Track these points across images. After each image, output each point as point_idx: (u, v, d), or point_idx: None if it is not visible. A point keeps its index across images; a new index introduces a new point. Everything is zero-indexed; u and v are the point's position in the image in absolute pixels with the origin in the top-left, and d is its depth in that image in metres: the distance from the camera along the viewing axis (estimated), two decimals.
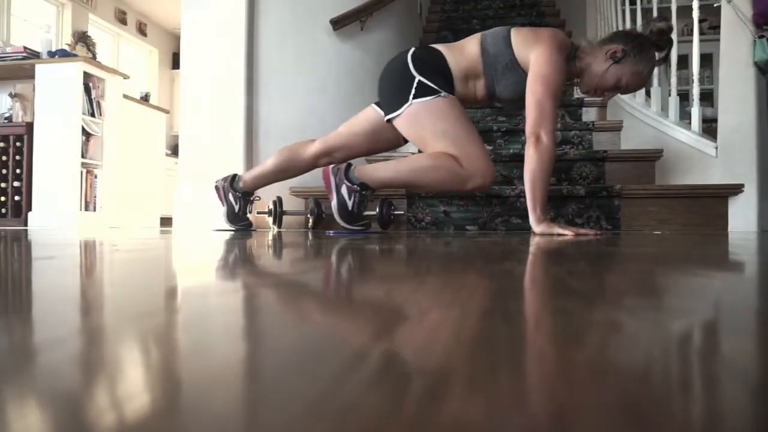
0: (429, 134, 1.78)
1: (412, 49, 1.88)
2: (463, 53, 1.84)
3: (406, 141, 1.97)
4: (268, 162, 2.15)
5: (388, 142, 2.01)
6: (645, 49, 1.75)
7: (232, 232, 1.96)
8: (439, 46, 1.88)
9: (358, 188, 1.83)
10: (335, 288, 0.47)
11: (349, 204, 1.84)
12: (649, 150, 2.56)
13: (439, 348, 0.24)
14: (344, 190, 1.84)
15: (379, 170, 1.83)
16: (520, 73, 1.77)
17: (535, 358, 0.23)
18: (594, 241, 1.31)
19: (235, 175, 2.21)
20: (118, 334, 0.27)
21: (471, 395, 0.18)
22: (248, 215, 2.24)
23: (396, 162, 1.84)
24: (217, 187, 2.22)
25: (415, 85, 1.79)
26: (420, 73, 1.79)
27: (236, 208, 2.18)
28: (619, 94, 3.02)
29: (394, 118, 1.84)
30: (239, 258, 0.80)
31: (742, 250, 0.99)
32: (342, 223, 1.88)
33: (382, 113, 1.91)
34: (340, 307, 0.37)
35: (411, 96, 1.78)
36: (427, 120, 1.78)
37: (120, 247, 1.07)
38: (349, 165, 1.87)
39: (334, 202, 1.86)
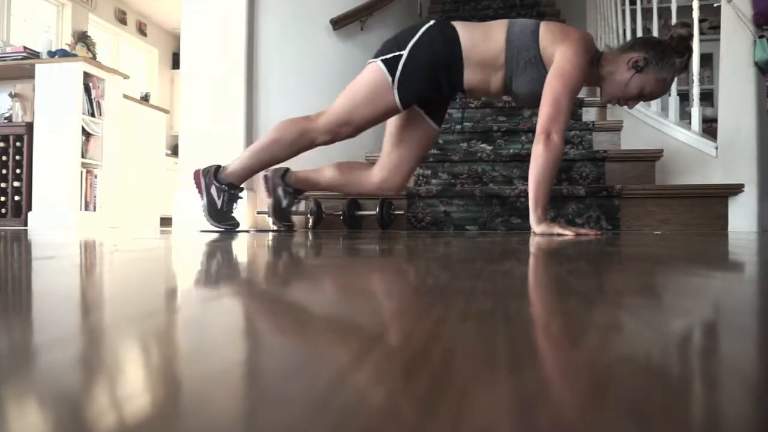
0: (351, 88, 1.86)
1: (429, 24, 1.81)
2: (487, 39, 1.77)
3: (404, 109, 1.87)
4: (326, 174, 2.04)
5: (422, 128, 1.98)
6: (666, 56, 1.71)
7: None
8: (459, 26, 1.80)
9: (226, 188, 1.96)
10: (334, 288, 0.47)
11: (219, 203, 1.97)
12: (649, 150, 2.55)
13: (439, 348, 0.24)
14: (213, 191, 1.96)
15: (234, 164, 1.96)
16: (541, 70, 1.72)
17: (536, 358, 0.23)
18: (594, 241, 1.31)
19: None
20: (118, 334, 0.27)
21: (471, 395, 0.18)
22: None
23: (247, 150, 1.98)
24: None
25: (395, 54, 1.79)
26: (409, 54, 1.77)
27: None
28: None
29: (370, 62, 1.86)
30: (239, 258, 0.80)
31: (742, 250, 0.99)
32: (211, 222, 1.97)
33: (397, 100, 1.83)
34: (339, 307, 0.37)
35: (381, 58, 1.80)
36: (360, 77, 1.86)
37: (120, 247, 1.07)
38: (219, 167, 1.98)
39: (203, 202, 1.97)
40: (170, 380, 0.20)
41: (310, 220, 2.40)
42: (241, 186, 2.05)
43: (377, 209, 2.26)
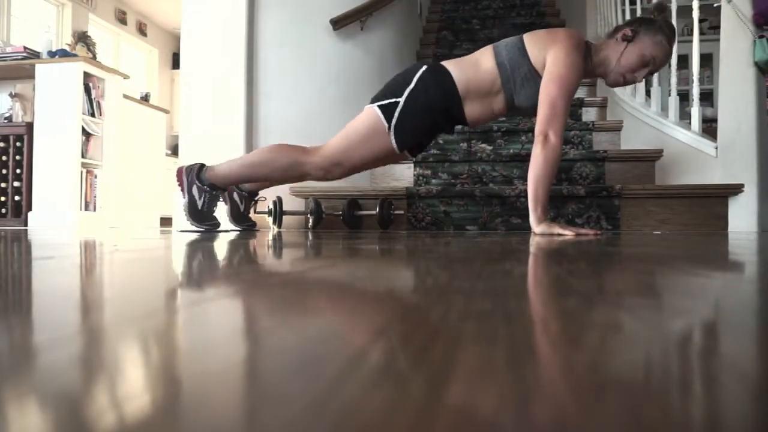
0: (347, 129, 1.86)
1: (424, 68, 1.83)
2: (478, 70, 1.79)
3: (401, 152, 1.87)
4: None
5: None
6: (653, 23, 1.74)
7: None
8: (449, 65, 1.81)
9: (208, 188, 1.94)
10: (333, 287, 0.47)
11: (199, 203, 1.94)
12: (649, 150, 2.55)
13: (439, 348, 0.24)
14: (195, 190, 1.94)
15: (221, 168, 1.94)
16: (538, 81, 1.74)
17: (536, 358, 0.23)
18: (594, 241, 1.31)
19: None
20: (118, 334, 0.27)
21: (471, 396, 0.18)
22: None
23: (237, 158, 1.95)
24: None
25: (393, 100, 1.80)
26: (406, 101, 1.79)
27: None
28: (619, 95, 3.02)
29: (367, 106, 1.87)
30: (239, 258, 0.80)
31: (742, 250, 0.99)
32: (191, 222, 1.94)
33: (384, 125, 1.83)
34: (338, 307, 0.37)
35: (378, 104, 1.82)
36: (356, 120, 1.85)
37: (120, 247, 1.07)
38: (203, 166, 1.96)
39: (185, 200, 1.94)
40: (170, 380, 0.20)
41: (310, 220, 2.40)
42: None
43: (377, 209, 2.26)
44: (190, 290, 0.45)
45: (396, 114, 1.80)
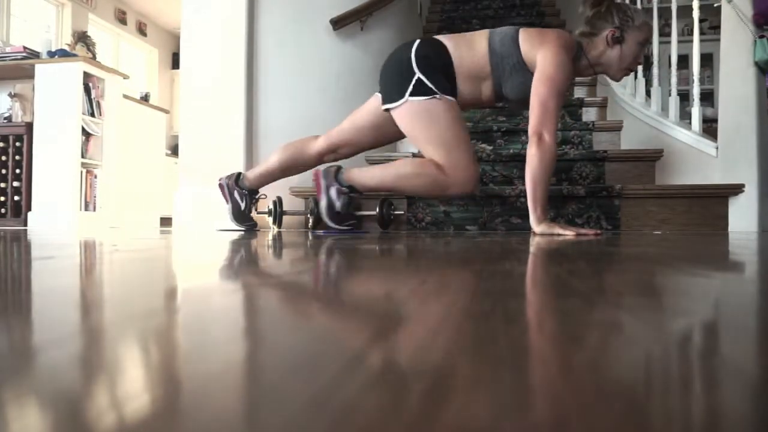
0: (420, 135, 1.83)
1: (417, 42, 1.85)
2: (471, 50, 1.81)
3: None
4: (271, 159, 2.15)
5: (393, 135, 2.01)
6: (621, 7, 1.77)
7: (241, 232, 1.97)
8: (445, 40, 1.85)
9: (347, 190, 1.95)
10: (333, 288, 0.47)
11: (337, 205, 1.95)
12: (649, 150, 2.55)
13: (439, 348, 0.24)
14: (333, 192, 1.94)
15: (365, 175, 1.93)
16: (527, 74, 1.77)
17: (536, 358, 0.23)
18: (594, 241, 1.31)
19: (239, 173, 2.20)
20: (118, 334, 0.27)
21: (471, 396, 0.18)
22: (252, 214, 2.25)
23: (382, 168, 1.91)
24: (221, 185, 2.20)
25: (413, 81, 1.79)
26: (421, 71, 1.79)
27: (242, 205, 2.16)
28: (619, 95, 3.02)
29: (391, 109, 1.86)
30: (239, 258, 0.80)
31: (742, 250, 0.99)
32: (330, 223, 1.97)
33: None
34: (338, 306, 0.37)
35: (408, 93, 1.80)
36: (421, 122, 1.81)
37: (120, 247, 1.07)
38: (339, 168, 1.97)
39: (323, 203, 1.96)
40: (170, 380, 0.20)
41: (310, 220, 2.40)
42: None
43: (377, 209, 2.26)
44: (189, 290, 0.45)
45: (429, 84, 1.79)
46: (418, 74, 1.79)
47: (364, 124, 2.01)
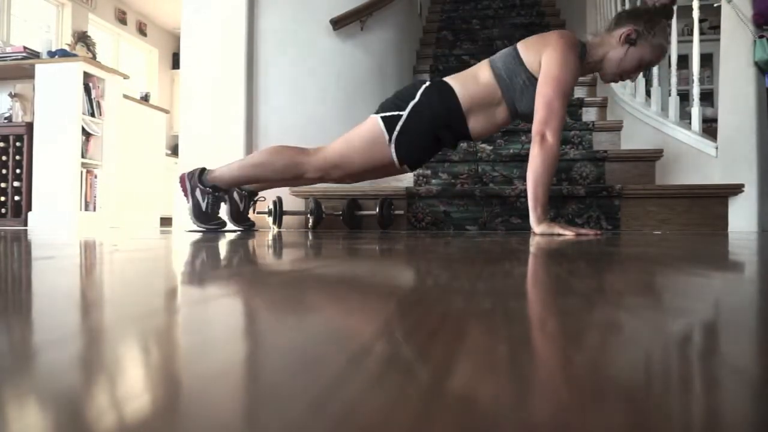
0: (350, 134, 1.88)
1: (427, 83, 1.84)
2: (477, 84, 1.80)
3: (400, 166, 1.89)
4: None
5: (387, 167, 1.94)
6: (655, 22, 1.74)
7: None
8: (450, 81, 1.82)
9: (210, 190, 1.99)
10: (333, 288, 0.47)
11: (203, 205, 1.99)
12: (649, 150, 2.55)
13: (439, 348, 0.24)
14: (198, 193, 1.99)
15: (221, 170, 1.99)
16: (537, 86, 1.74)
17: (536, 358, 0.23)
18: (594, 241, 1.31)
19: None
20: (118, 334, 0.27)
21: (471, 396, 0.18)
22: (250, 215, 2.18)
23: (236, 160, 1.99)
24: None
25: (395, 114, 1.81)
26: (409, 114, 1.80)
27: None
28: (619, 95, 3.02)
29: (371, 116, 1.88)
30: (239, 258, 0.80)
31: (742, 250, 0.99)
32: (197, 224, 1.99)
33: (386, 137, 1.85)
34: (338, 307, 0.37)
35: (380, 115, 1.82)
36: (359, 132, 1.86)
37: (120, 247, 1.07)
38: (204, 170, 2.01)
39: (189, 204, 2.00)
40: (170, 380, 0.20)
41: (310, 220, 2.40)
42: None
43: (377, 209, 2.26)
44: (189, 290, 0.45)
45: (398, 128, 1.81)
46: (404, 114, 1.80)
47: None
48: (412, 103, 1.81)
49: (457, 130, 1.83)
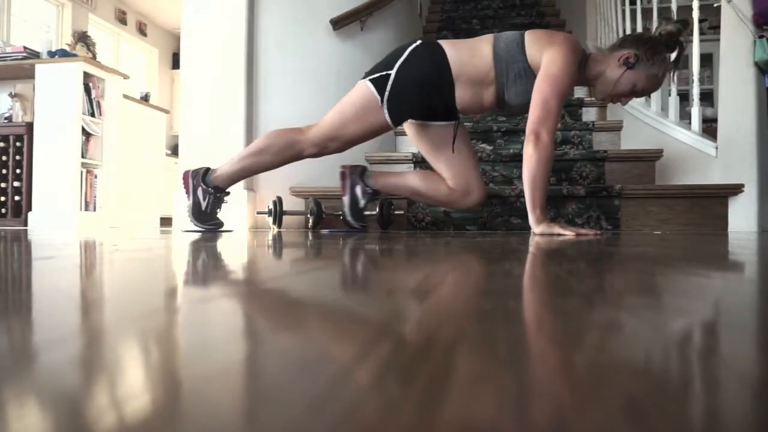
0: (342, 104, 1.87)
1: (418, 42, 1.82)
2: (475, 55, 1.77)
3: (395, 126, 1.89)
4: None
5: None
6: (657, 52, 1.72)
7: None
8: (446, 45, 1.80)
9: (212, 191, 1.99)
10: (333, 288, 0.47)
11: (203, 205, 1.99)
12: (649, 150, 2.55)
13: (439, 348, 0.24)
14: (200, 192, 1.99)
15: (223, 168, 1.99)
16: (531, 79, 1.72)
17: (536, 358, 0.23)
18: (594, 241, 1.31)
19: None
20: (118, 334, 0.27)
21: (471, 395, 0.18)
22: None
23: (236, 155, 2.00)
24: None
25: (383, 74, 1.80)
26: (397, 73, 1.78)
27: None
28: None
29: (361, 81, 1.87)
30: (239, 258, 0.80)
31: (742, 250, 0.99)
32: (195, 222, 1.99)
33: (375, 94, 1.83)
34: (338, 306, 0.37)
35: (369, 78, 1.82)
36: (350, 100, 1.85)
37: (120, 247, 1.07)
38: (208, 170, 2.01)
39: (189, 203, 2.00)
40: (170, 380, 0.20)
41: (310, 220, 2.40)
42: (228, 190, 2.06)
43: (377, 209, 2.26)
44: (189, 290, 0.45)
45: (388, 88, 1.79)
46: (393, 73, 1.79)
47: (439, 153, 1.98)
48: (399, 61, 1.79)
49: (445, 93, 1.80)
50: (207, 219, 2.02)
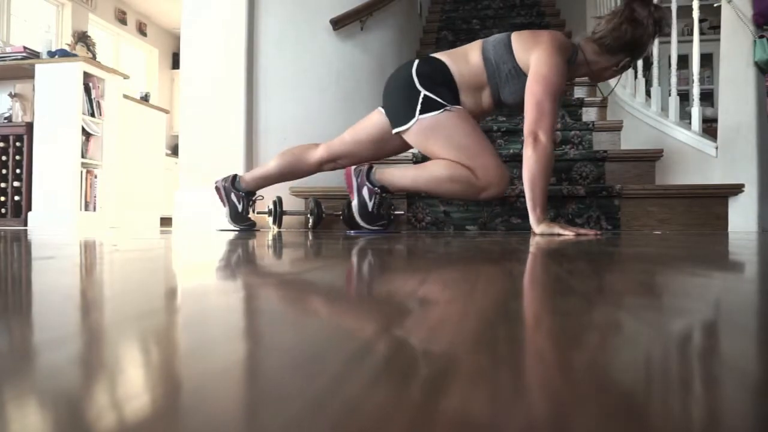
0: (440, 149, 1.81)
1: (416, 62, 1.86)
2: (467, 63, 1.82)
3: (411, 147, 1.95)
4: (270, 164, 2.15)
5: (394, 148, 2.02)
6: (644, 42, 1.78)
7: (236, 232, 1.98)
8: (442, 56, 1.85)
9: (379, 191, 1.93)
10: (333, 287, 0.47)
11: (369, 205, 1.94)
12: (649, 150, 2.55)
13: (439, 348, 0.24)
14: (365, 192, 1.93)
15: (398, 176, 1.90)
16: (522, 78, 1.76)
17: (535, 358, 0.23)
18: (594, 241, 1.31)
19: (235, 176, 2.21)
20: (118, 334, 0.27)
21: (471, 395, 0.18)
22: (250, 215, 2.25)
23: (415, 169, 1.88)
24: (217, 188, 2.21)
25: (420, 100, 1.79)
26: (425, 88, 1.79)
27: (239, 207, 2.18)
28: (619, 95, 3.02)
29: (403, 131, 1.85)
30: (239, 258, 0.80)
31: (742, 250, 0.99)
32: (362, 223, 1.96)
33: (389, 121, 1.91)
34: (338, 306, 0.37)
35: (417, 111, 1.79)
36: (437, 135, 1.80)
37: (120, 247, 1.07)
38: (371, 167, 1.95)
39: (355, 203, 1.95)
40: (170, 380, 0.20)
41: (310, 220, 2.40)
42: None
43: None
44: (189, 290, 0.45)
45: (437, 99, 1.80)
46: (423, 92, 1.79)
47: (366, 137, 2.01)
48: (416, 78, 1.81)
49: (455, 95, 1.84)
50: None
